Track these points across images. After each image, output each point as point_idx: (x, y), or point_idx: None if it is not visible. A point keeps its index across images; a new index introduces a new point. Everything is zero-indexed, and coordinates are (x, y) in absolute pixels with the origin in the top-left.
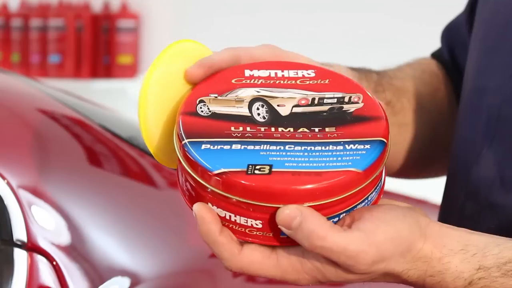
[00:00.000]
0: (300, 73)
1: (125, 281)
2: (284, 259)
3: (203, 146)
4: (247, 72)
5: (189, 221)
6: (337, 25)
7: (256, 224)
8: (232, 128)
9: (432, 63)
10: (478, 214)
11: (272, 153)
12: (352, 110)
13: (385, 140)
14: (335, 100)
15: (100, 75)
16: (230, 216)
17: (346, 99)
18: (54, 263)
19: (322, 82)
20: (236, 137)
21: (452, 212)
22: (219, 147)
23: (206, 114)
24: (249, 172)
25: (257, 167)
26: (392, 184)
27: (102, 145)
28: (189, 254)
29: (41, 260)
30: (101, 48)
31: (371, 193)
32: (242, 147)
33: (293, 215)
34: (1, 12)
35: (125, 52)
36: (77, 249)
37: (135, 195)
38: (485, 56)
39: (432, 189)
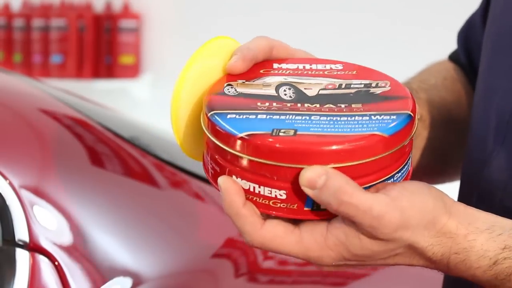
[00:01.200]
0: (328, 66)
1: (127, 281)
2: (307, 234)
3: (229, 116)
4: (275, 65)
5: (191, 221)
6: (339, 26)
7: (280, 195)
8: (258, 104)
9: (450, 67)
10: None
11: (298, 121)
12: (379, 92)
13: (412, 114)
14: (362, 85)
15: (102, 75)
16: (254, 187)
17: (374, 85)
18: (56, 263)
19: (349, 73)
20: (262, 109)
21: None
22: (244, 116)
23: (233, 94)
24: (274, 134)
25: (282, 130)
26: None
27: (104, 145)
28: (191, 254)
29: (43, 260)
30: (103, 48)
31: (398, 171)
32: (268, 116)
33: (318, 173)
34: (3, 12)
35: (127, 52)
36: (79, 249)
37: (137, 195)
38: (497, 56)
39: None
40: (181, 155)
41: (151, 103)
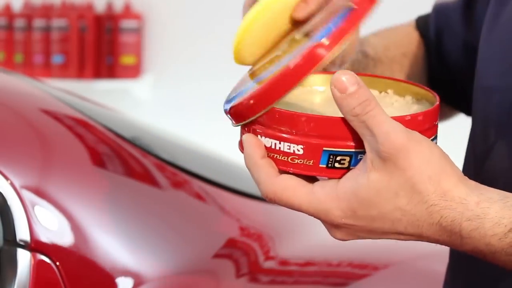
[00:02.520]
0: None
1: (128, 282)
2: (319, 187)
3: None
4: None
5: (192, 221)
6: None
7: (298, 150)
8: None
9: (413, 39)
10: None
11: None
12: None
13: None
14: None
15: (103, 76)
16: (275, 144)
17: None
18: (57, 263)
19: None
20: None
21: None
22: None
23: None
24: None
25: None
26: None
27: (105, 145)
28: (192, 255)
29: (44, 260)
30: (104, 49)
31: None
32: None
33: (352, 81)
34: (4, 13)
35: (128, 52)
36: (80, 249)
37: (138, 196)
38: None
39: None
40: (182, 155)
41: (152, 104)
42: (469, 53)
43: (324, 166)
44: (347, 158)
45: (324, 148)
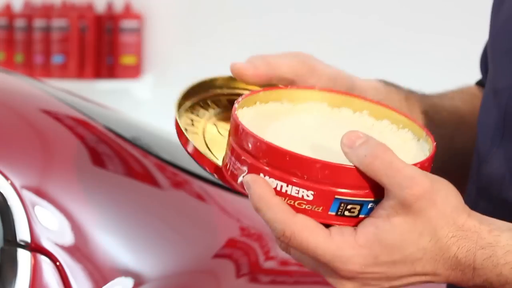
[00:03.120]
0: None
1: (129, 282)
2: (337, 234)
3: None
4: None
5: (192, 221)
6: (341, 28)
7: (307, 196)
8: None
9: (473, 87)
10: (491, 211)
11: None
12: None
13: None
14: None
15: (104, 76)
16: (281, 186)
17: None
18: (58, 263)
19: None
20: None
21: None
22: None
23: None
24: None
25: None
26: None
27: (105, 145)
28: (193, 255)
29: (44, 260)
30: (105, 49)
31: None
32: None
33: (359, 135)
34: (4, 13)
35: (128, 52)
36: (80, 250)
37: (138, 196)
38: (498, 60)
39: None
40: (182, 155)
41: (153, 104)
42: None
43: (334, 213)
44: (358, 207)
45: (336, 196)
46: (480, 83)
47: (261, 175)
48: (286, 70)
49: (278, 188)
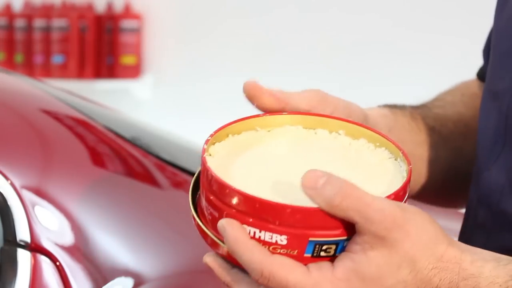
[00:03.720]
0: None
1: (129, 282)
2: (315, 269)
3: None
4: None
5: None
6: (342, 27)
7: (281, 240)
8: None
9: (472, 84)
10: (490, 221)
11: None
12: None
13: None
14: None
15: (104, 76)
16: (254, 232)
17: None
18: (58, 263)
19: None
20: None
21: (468, 219)
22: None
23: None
24: None
25: None
26: None
27: (105, 145)
28: (193, 254)
29: (44, 260)
30: (105, 49)
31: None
32: None
33: (319, 175)
34: (4, 13)
35: (128, 52)
36: (80, 250)
37: (138, 196)
38: (499, 61)
39: None
40: (182, 155)
41: (153, 104)
42: None
43: (309, 255)
44: (333, 247)
45: (310, 239)
46: (480, 75)
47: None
48: (300, 100)
49: (252, 234)
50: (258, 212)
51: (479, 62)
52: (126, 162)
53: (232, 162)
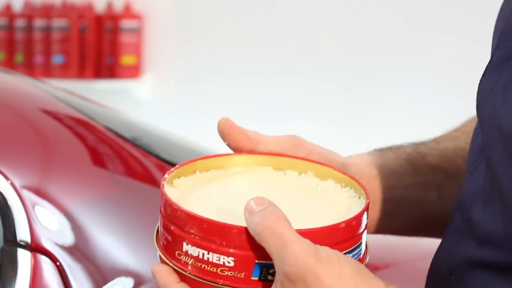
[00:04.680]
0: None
1: (129, 282)
2: None
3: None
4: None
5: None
6: (343, 26)
7: (228, 262)
8: None
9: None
10: (463, 226)
11: None
12: None
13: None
14: None
15: (104, 76)
16: (203, 254)
17: None
18: (58, 263)
19: None
20: None
21: (450, 222)
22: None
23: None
24: None
25: None
26: None
27: (105, 145)
28: None
29: (44, 260)
30: (105, 49)
31: (349, 251)
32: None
33: (261, 202)
34: (4, 13)
35: (128, 52)
36: (80, 250)
37: (138, 195)
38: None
39: None
40: (182, 155)
41: (153, 104)
42: None
43: (257, 278)
44: None
45: (257, 261)
46: None
47: (184, 243)
48: (272, 143)
49: (201, 256)
50: (206, 232)
51: (479, 62)
52: (126, 162)
53: (192, 194)
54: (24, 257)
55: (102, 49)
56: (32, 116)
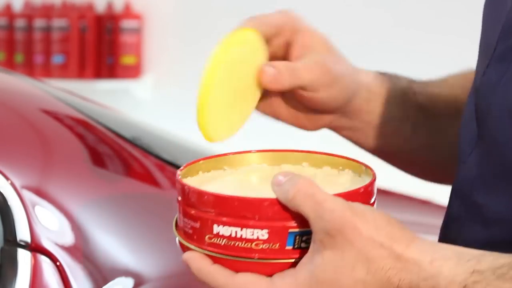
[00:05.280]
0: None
1: (129, 282)
2: (278, 278)
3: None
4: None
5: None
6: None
7: (262, 235)
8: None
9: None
10: (463, 214)
11: None
12: None
13: None
14: None
15: (104, 76)
16: (236, 232)
17: None
18: (58, 263)
19: None
20: None
21: (447, 212)
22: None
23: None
24: None
25: None
26: (398, 183)
27: (105, 145)
28: None
29: (44, 260)
30: (105, 49)
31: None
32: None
33: (287, 173)
34: (4, 13)
35: (128, 52)
36: (80, 250)
37: (138, 196)
38: (479, 58)
39: (437, 189)
40: (182, 155)
41: (153, 104)
42: None
43: (291, 247)
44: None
45: (290, 230)
46: None
47: (215, 226)
48: (308, 80)
49: (233, 234)
50: (237, 210)
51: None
52: (126, 162)
53: (207, 188)
54: (24, 257)
55: (102, 49)
56: (32, 116)
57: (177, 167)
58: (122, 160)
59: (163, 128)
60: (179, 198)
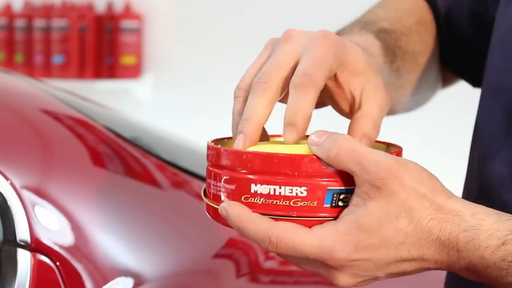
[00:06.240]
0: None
1: (129, 282)
2: (319, 227)
3: None
4: None
5: (192, 221)
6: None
7: (301, 192)
8: None
9: (422, 6)
10: None
11: None
12: None
13: None
14: None
15: (104, 76)
16: (274, 189)
17: None
18: (58, 263)
19: None
20: None
21: None
22: None
23: None
24: None
25: None
26: None
27: (105, 145)
28: (193, 255)
29: (44, 260)
30: (105, 49)
31: None
32: None
33: (323, 133)
34: (4, 13)
35: (128, 52)
36: (80, 250)
37: (138, 196)
38: (509, 56)
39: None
40: (182, 155)
41: (153, 104)
42: (479, 26)
43: (329, 205)
44: (350, 196)
45: (329, 188)
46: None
47: (252, 185)
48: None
49: (272, 192)
50: (277, 167)
51: None
52: (126, 162)
53: None
54: (24, 257)
55: (102, 49)
56: (32, 116)
57: (177, 167)
58: (122, 160)
59: (163, 128)
60: (211, 165)
